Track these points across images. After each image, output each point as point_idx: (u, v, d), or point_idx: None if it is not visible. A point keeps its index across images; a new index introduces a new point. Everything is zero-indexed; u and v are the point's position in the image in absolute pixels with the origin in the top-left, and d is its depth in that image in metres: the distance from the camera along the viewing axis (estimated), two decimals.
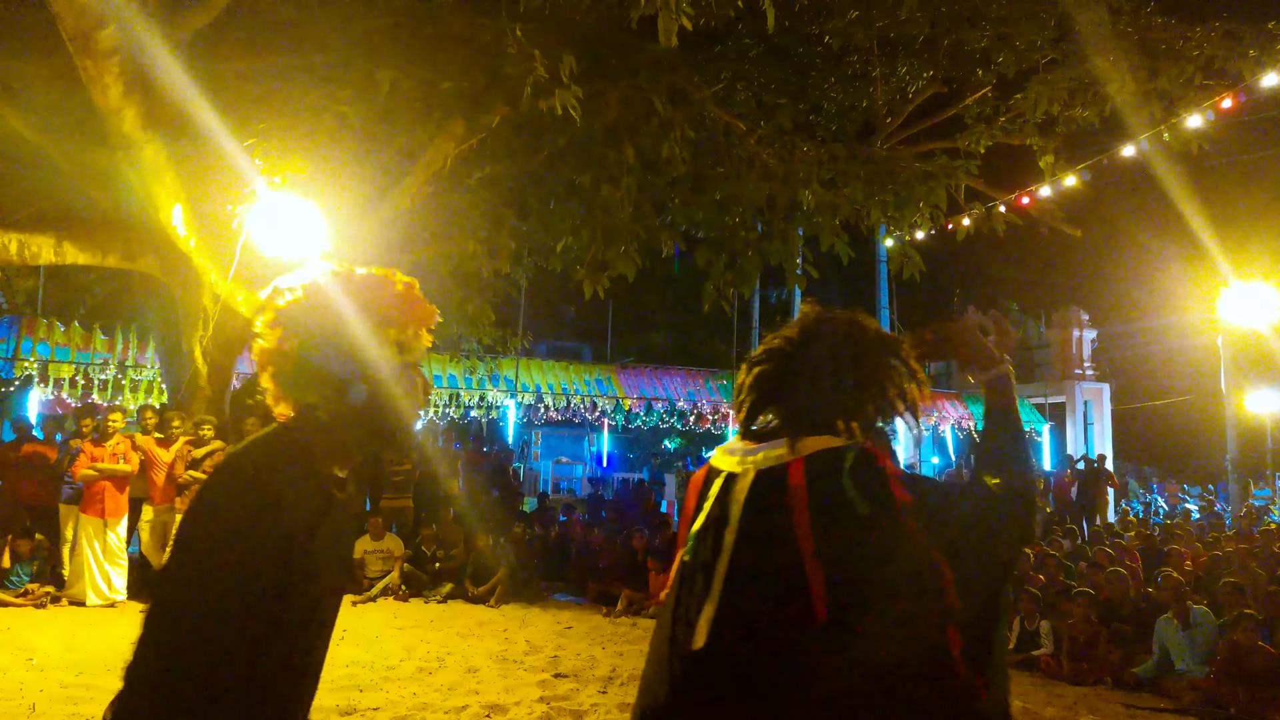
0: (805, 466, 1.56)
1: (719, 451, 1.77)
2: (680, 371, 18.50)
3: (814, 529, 1.50)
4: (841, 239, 9.62)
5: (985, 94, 10.30)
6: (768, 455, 1.63)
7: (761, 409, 1.75)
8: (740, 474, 1.64)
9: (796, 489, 1.54)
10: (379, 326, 1.57)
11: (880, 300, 21.80)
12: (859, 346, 1.72)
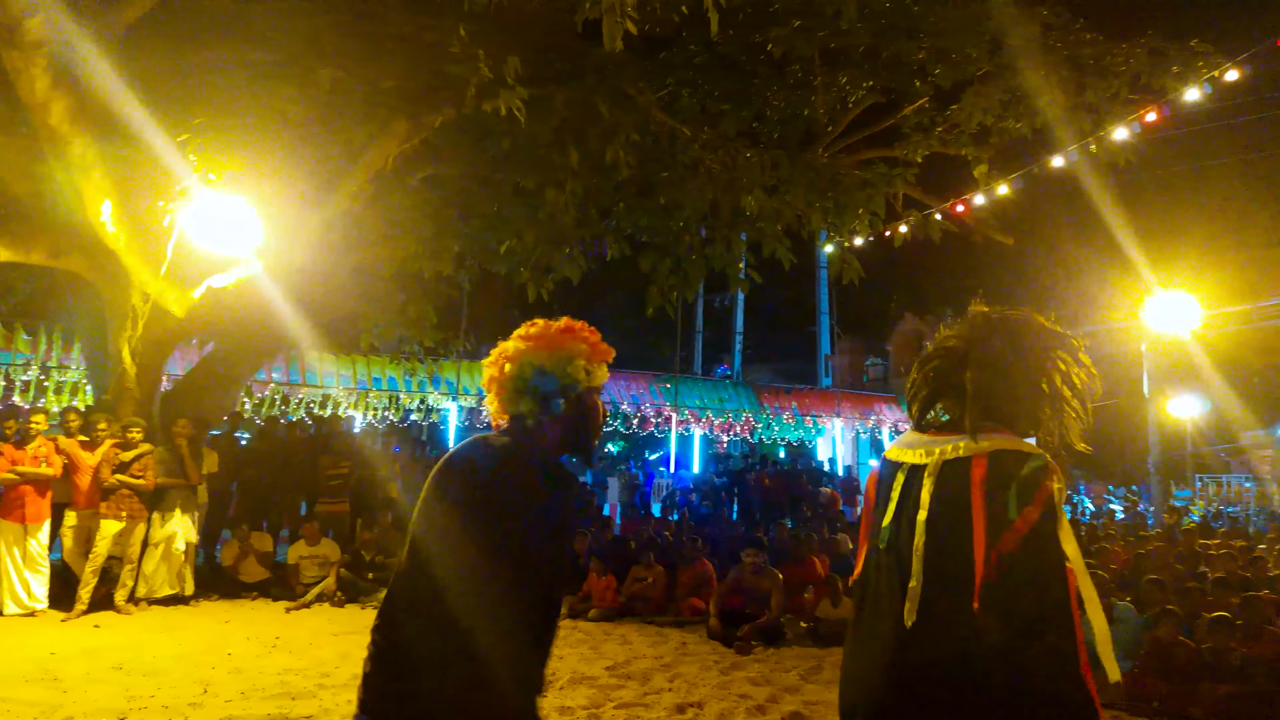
0: (989, 462, 1.73)
1: (895, 446, 1.96)
2: (624, 375, 18.51)
3: (986, 523, 1.67)
4: (784, 244, 9.75)
5: (923, 105, 10.51)
6: (954, 447, 1.79)
7: (935, 402, 1.93)
8: (927, 464, 1.81)
9: (977, 483, 1.71)
10: (572, 359, 2.10)
11: (820, 305, 22.23)
12: (1028, 341, 1.88)
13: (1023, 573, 1.65)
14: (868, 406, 20.65)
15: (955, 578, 1.70)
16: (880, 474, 1.97)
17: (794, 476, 17.46)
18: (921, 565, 1.74)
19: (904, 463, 1.89)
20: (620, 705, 5.60)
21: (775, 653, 7.23)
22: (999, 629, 1.64)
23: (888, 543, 1.85)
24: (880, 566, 1.85)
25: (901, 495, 1.86)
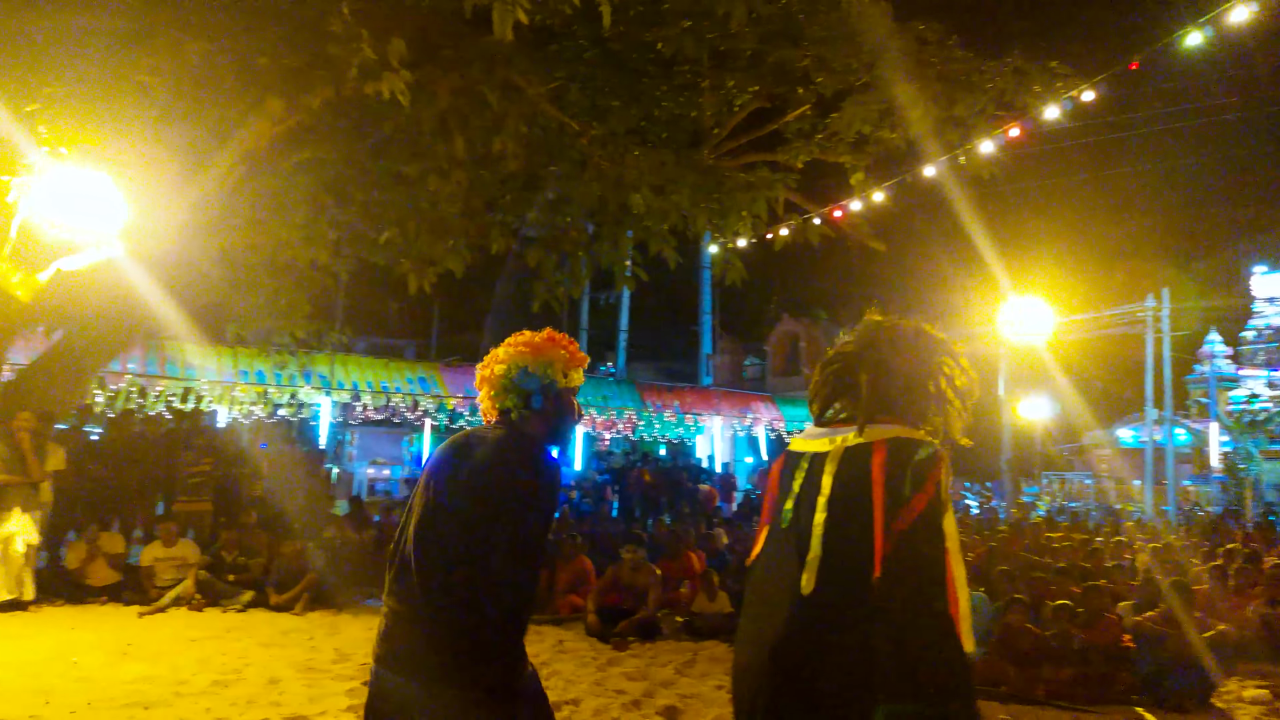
0: (889, 447, 1.95)
1: (798, 439, 2.18)
2: None
3: (885, 502, 1.88)
4: (670, 244, 9.83)
5: (805, 112, 10.79)
6: (852, 437, 2.00)
7: (834, 400, 2.15)
8: (828, 452, 2.02)
9: (879, 465, 1.92)
10: (551, 363, 2.47)
11: (703, 305, 22.58)
12: (918, 346, 2.12)
13: (914, 548, 1.87)
14: (745, 405, 21.12)
15: (853, 550, 1.89)
16: (784, 464, 2.15)
17: (674, 473, 17.68)
18: (821, 538, 1.93)
19: (807, 452, 2.09)
20: None
21: (652, 647, 7.29)
22: (894, 596, 1.84)
23: (789, 522, 2.03)
24: (780, 544, 2.04)
25: (805, 480, 2.05)
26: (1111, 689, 6.45)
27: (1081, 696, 6.27)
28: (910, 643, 1.83)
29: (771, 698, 1.93)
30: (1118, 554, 10.89)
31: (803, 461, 2.09)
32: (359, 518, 11.76)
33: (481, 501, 2.26)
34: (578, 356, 2.56)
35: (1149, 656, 6.55)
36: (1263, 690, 6.68)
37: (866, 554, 1.87)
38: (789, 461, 2.14)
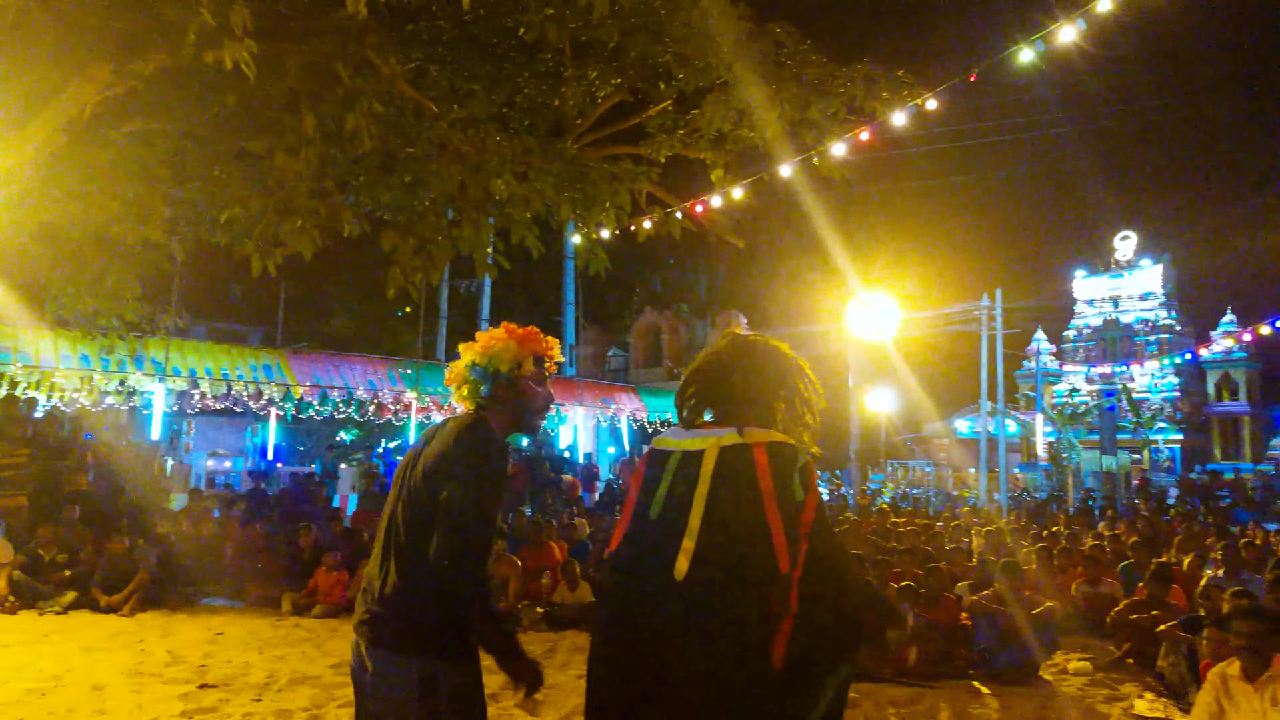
0: (769, 451, 2.10)
1: (664, 438, 2.31)
2: (360, 359, 17.62)
3: (776, 498, 2.03)
4: (533, 232, 9.68)
5: (666, 107, 10.87)
6: (731, 436, 2.14)
7: (701, 405, 2.31)
8: (702, 450, 2.15)
9: (761, 464, 2.07)
10: (498, 354, 2.58)
11: (567, 296, 22.43)
12: (777, 362, 2.33)
13: (823, 539, 2.11)
14: (609, 396, 21.18)
15: (734, 541, 2.03)
16: (650, 462, 2.28)
17: (536, 464, 17.53)
18: (699, 529, 2.05)
19: (676, 450, 2.22)
20: (345, 704, 5.30)
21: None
22: (819, 580, 2.05)
23: (659, 515, 2.14)
24: (649, 536, 2.15)
25: (675, 476, 2.17)
26: (951, 665, 6.82)
27: (923, 673, 6.58)
28: (841, 613, 2.08)
29: (637, 677, 2.03)
30: (956, 537, 11.54)
31: (672, 459, 2.21)
32: (198, 512, 11.08)
33: (427, 480, 2.43)
34: (530, 343, 2.66)
35: (984, 633, 6.96)
36: (1085, 663, 7.21)
37: (754, 545, 2.02)
38: (656, 459, 2.26)
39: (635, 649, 2.05)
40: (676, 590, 2.01)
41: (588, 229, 10.47)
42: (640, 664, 2.04)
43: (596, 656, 2.19)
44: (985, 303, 19.12)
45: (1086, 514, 15.94)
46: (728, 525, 2.05)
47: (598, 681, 2.16)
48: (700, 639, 1.99)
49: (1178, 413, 36.85)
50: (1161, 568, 7.89)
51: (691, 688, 1.99)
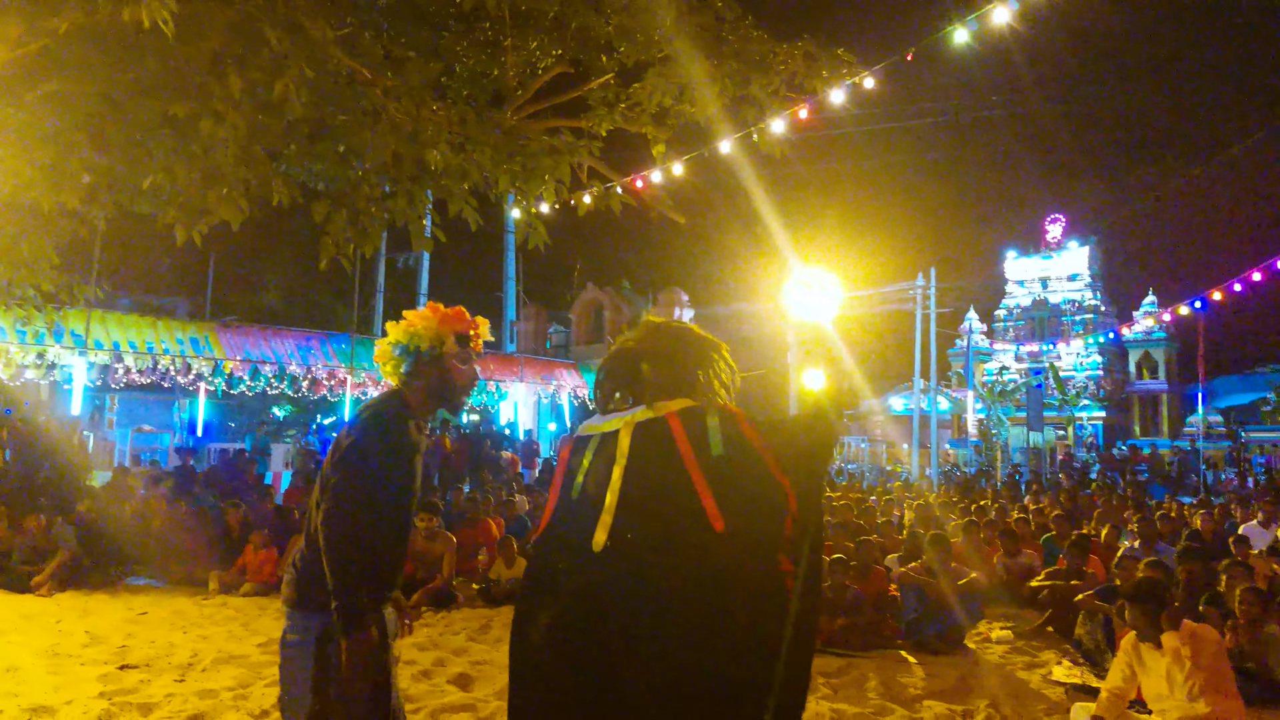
0: (682, 417, 2.14)
1: (586, 425, 2.36)
2: (293, 333, 17.15)
3: (699, 463, 2.05)
4: (470, 205, 9.51)
5: (608, 80, 10.75)
6: (643, 412, 2.20)
7: (616, 391, 2.35)
8: (617, 430, 2.20)
9: (678, 432, 2.10)
10: (419, 333, 2.70)
11: (507, 271, 22.11)
12: (688, 341, 2.38)
13: (812, 490, 2.16)
14: (549, 372, 21.06)
15: (661, 508, 2.07)
16: (573, 448, 2.34)
17: (476, 441, 17.40)
18: (615, 501, 2.10)
19: (596, 434, 2.28)
20: (272, 683, 5.19)
21: (445, 616, 7.13)
22: (740, 546, 2.05)
23: (580, 495, 2.20)
24: (570, 514, 2.21)
25: (595, 456, 2.23)
26: (880, 635, 6.96)
27: (854, 643, 6.71)
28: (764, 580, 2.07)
29: (561, 650, 2.08)
30: (888, 511, 11.78)
31: (591, 443, 2.28)
32: (121, 489, 10.74)
33: (333, 454, 2.62)
34: (450, 321, 2.77)
35: (911, 604, 7.12)
36: (1007, 631, 7.43)
37: (682, 508, 2.05)
38: (578, 445, 2.33)
39: (559, 619, 2.10)
40: (595, 561, 2.07)
41: (526, 202, 10.34)
42: (560, 634, 2.09)
43: (518, 627, 2.23)
44: (920, 282, 19.45)
45: (1013, 488, 16.41)
46: (649, 494, 2.09)
47: (516, 650, 2.22)
48: (628, 602, 2.03)
49: (1101, 390, 38.11)
50: (1081, 539, 8.16)
51: (630, 654, 2.01)
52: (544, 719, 2.12)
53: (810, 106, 9.92)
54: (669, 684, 1.98)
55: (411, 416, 2.71)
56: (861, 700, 5.33)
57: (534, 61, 10.62)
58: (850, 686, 5.66)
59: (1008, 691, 5.68)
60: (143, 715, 4.66)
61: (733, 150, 11.12)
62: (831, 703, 5.25)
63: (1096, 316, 38.66)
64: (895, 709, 5.18)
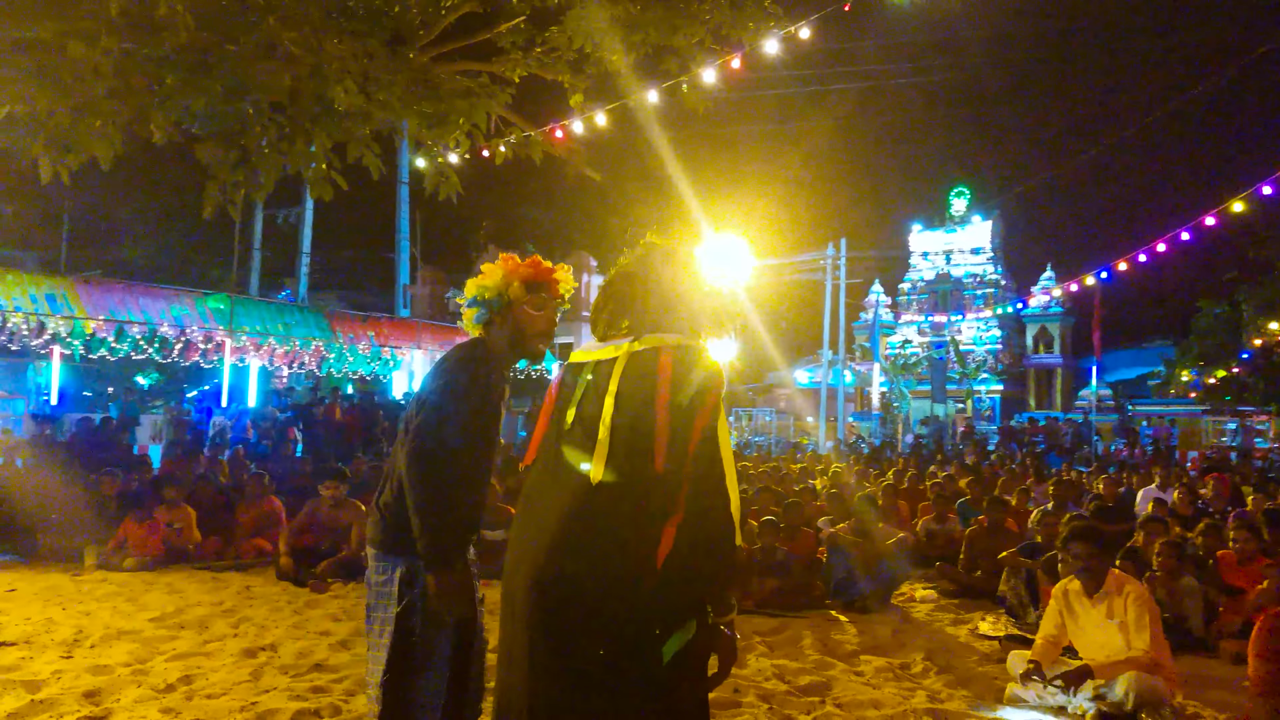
0: (675, 355, 2.14)
1: (579, 352, 2.35)
2: (164, 291, 15.73)
3: (669, 403, 2.07)
4: (373, 150, 8.86)
5: (519, 24, 10.20)
6: (640, 341, 2.20)
7: (617, 317, 2.31)
8: (614, 359, 2.20)
9: (664, 367, 2.11)
10: (491, 285, 2.81)
11: (401, 229, 20.80)
12: (693, 275, 2.33)
13: (706, 455, 2.09)
14: (451, 340, 20.21)
15: (639, 442, 2.07)
16: (564, 375, 2.33)
17: (370, 410, 16.59)
18: (609, 430, 2.09)
19: (590, 361, 2.26)
20: (175, 657, 4.76)
21: (356, 586, 6.64)
22: (705, 488, 2.08)
23: (573, 422, 2.19)
24: (564, 444, 2.18)
25: (590, 385, 2.21)
26: (809, 595, 6.86)
27: (785, 603, 6.61)
28: (700, 539, 2.06)
29: (553, 579, 2.05)
30: (802, 479, 11.77)
31: (586, 370, 2.26)
32: None
33: (417, 397, 2.71)
34: (518, 273, 2.79)
35: (841, 564, 7.01)
36: (930, 590, 7.49)
37: (648, 446, 2.05)
38: (570, 371, 2.31)
39: (557, 548, 2.07)
40: (593, 492, 2.07)
41: (436, 150, 9.73)
42: (562, 562, 2.07)
43: (512, 560, 2.19)
44: (830, 252, 19.56)
45: (917, 458, 16.75)
46: (630, 428, 2.10)
47: (514, 586, 2.15)
48: (602, 537, 2.05)
49: (999, 364, 39.56)
50: (997, 498, 8.30)
51: (584, 580, 2.04)
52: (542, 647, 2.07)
53: (738, 56, 9.63)
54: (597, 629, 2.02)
55: (493, 361, 2.76)
56: (800, 657, 5.31)
57: (439, 2, 9.98)
58: (787, 645, 5.63)
59: (938, 645, 5.74)
60: (30, 692, 4.15)
61: (651, 106, 10.76)
62: (772, 659, 5.22)
63: (997, 290, 39.99)
64: (835, 663, 5.19)
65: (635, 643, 2.01)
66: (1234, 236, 16.25)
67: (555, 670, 2.03)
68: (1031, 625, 6.08)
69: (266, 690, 4.24)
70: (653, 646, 2.01)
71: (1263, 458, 20.58)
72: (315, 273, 24.03)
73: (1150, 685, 4.29)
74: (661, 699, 2.02)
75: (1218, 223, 12.73)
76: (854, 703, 4.42)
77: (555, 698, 2.03)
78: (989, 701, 4.57)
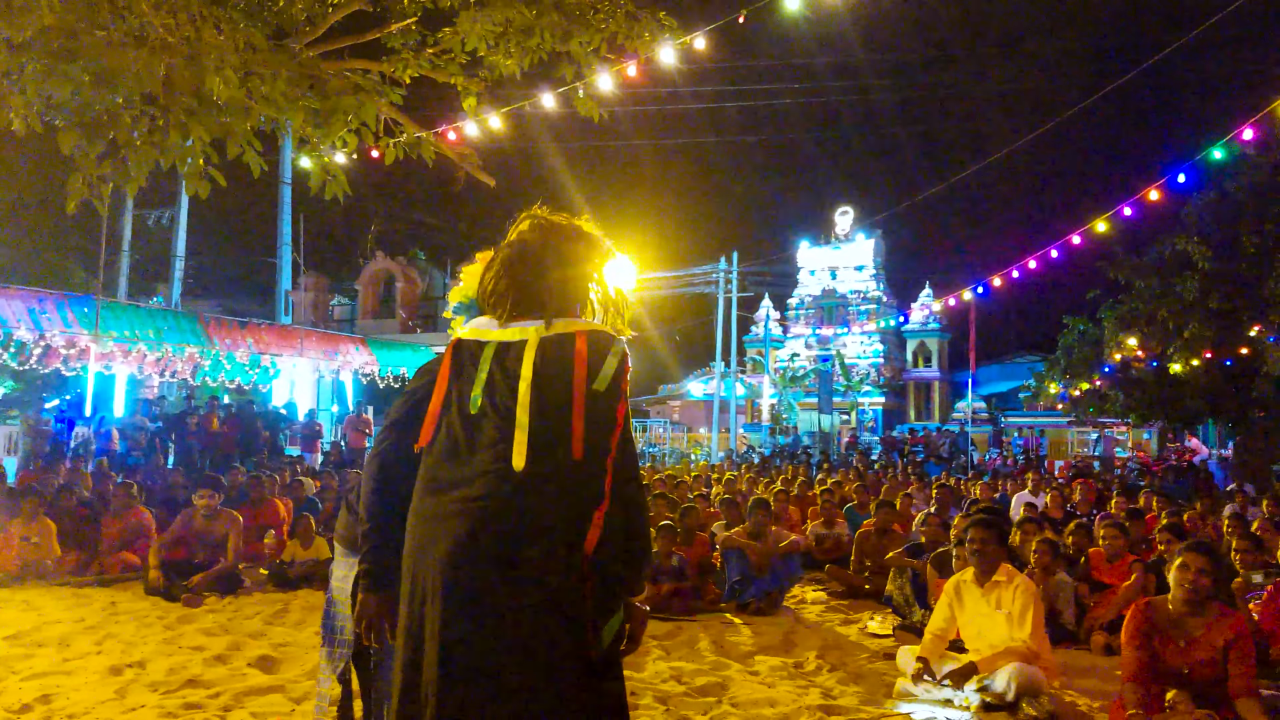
0: (588, 340, 2.12)
1: (472, 329, 2.27)
2: (21, 292, 14.55)
3: (586, 389, 2.06)
4: (255, 147, 8.46)
5: (410, 25, 9.99)
6: (549, 325, 2.16)
7: (510, 295, 2.23)
8: (523, 341, 2.14)
9: (579, 353, 2.09)
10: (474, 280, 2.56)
11: (283, 233, 19.75)
12: (596, 253, 2.31)
13: (627, 441, 2.14)
14: (334, 347, 19.49)
15: (557, 430, 2.05)
16: (456, 354, 2.22)
17: (248, 420, 15.85)
18: (528, 420, 2.05)
19: (490, 341, 2.19)
20: (31, 676, 4.45)
21: (233, 601, 6.30)
22: (627, 475, 2.13)
23: (480, 407, 2.12)
24: (470, 428, 2.12)
25: (494, 367, 2.14)
26: (703, 599, 6.90)
27: (680, 607, 6.64)
28: (632, 524, 2.14)
29: (471, 569, 1.99)
30: (696, 487, 11.88)
31: (485, 350, 2.18)
32: None
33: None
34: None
35: (735, 567, 7.08)
36: (821, 592, 7.65)
37: (567, 432, 2.04)
38: (463, 350, 2.22)
39: (476, 538, 2.01)
40: (516, 481, 2.02)
41: (321, 149, 9.36)
42: (482, 552, 2.01)
43: (416, 550, 2.11)
44: (722, 265, 19.83)
45: (806, 467, 17.16)
46: (549, 414, 2.06)
47: (420, 576, 2.07)
48: (527, 521, 2.01)
49: (881, 377, 41.06)
50: (886, 501, 8.56)
51: (511, 564, 2.00)
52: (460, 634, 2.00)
53: (632, 65, 9.68)
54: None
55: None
56: (697, 658, 5.35)
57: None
58: (683, 647, 5.67)
59: (830, 644, 5.87)
60: None
61: (544, 113, 10.70)
62: (668, 662, 5.25)
63: (879, 306, 41.54)
64: (731, 664, 5.24)
65: (575, 629, 2.00)
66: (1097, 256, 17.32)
67: (476, 650, 1.99)
68: (916, 624, 6.28)
69: (133, 708, 3.96)
70: (590, 629, 2.02)
71: (1121, 466, 21.97)
72: (190, 280, 22.82)
73: (1030, 675, 4.48)
74: (596, 680, 2.03)
75: (1083, 242, 13.52)
76: (750, 701, 4.44)
77: (471, 678, 1.98)
78: (879, 697, 4.67)
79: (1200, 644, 3.86)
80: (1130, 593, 6.05)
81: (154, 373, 16.28)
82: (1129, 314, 18.52)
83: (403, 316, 25.04)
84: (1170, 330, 17.03)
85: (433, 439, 2.17)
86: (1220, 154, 10.68)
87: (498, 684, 1.96)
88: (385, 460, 2.31)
